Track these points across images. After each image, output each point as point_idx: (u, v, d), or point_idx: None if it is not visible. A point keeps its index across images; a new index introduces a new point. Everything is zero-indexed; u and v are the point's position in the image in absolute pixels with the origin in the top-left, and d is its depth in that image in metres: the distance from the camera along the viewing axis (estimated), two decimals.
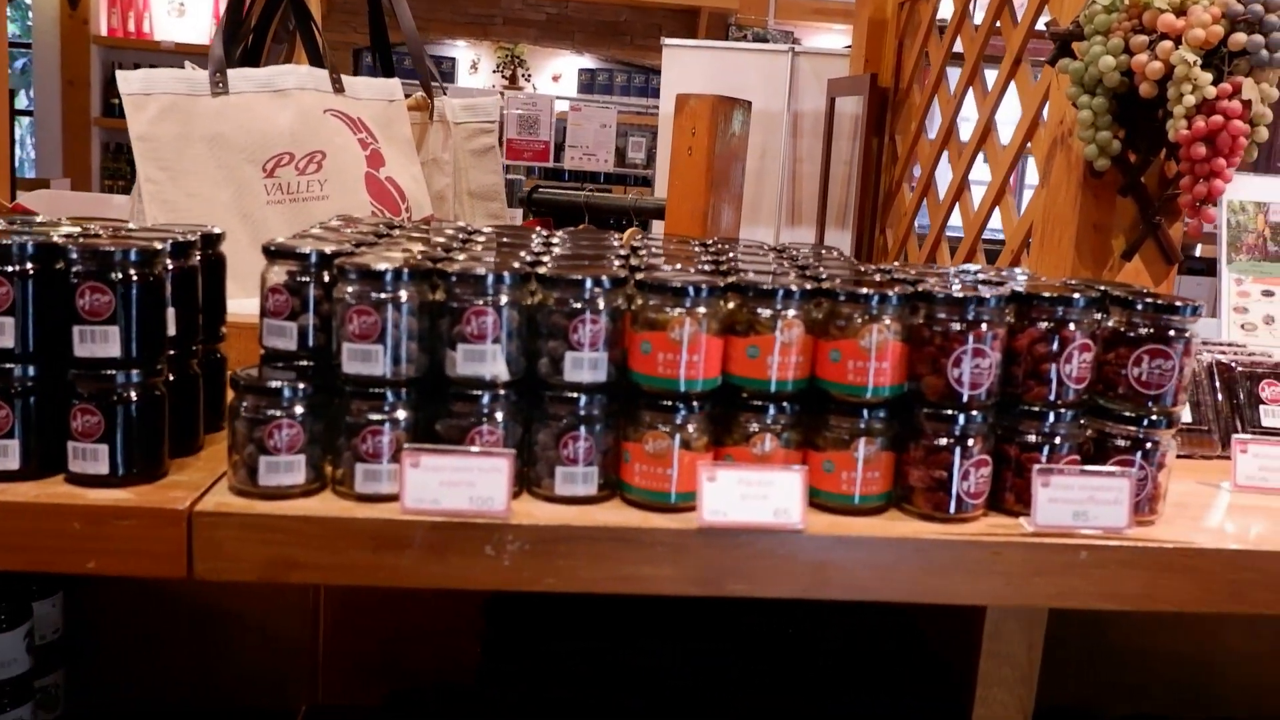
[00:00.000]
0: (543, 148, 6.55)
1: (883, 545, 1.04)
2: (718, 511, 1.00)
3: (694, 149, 2.60)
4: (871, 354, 1.04)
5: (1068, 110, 1.81)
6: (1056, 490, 1.06)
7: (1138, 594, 1.08)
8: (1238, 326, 1.63)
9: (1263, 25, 1.54)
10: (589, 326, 1.00)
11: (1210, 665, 1.60)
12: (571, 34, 9.50)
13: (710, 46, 4.54)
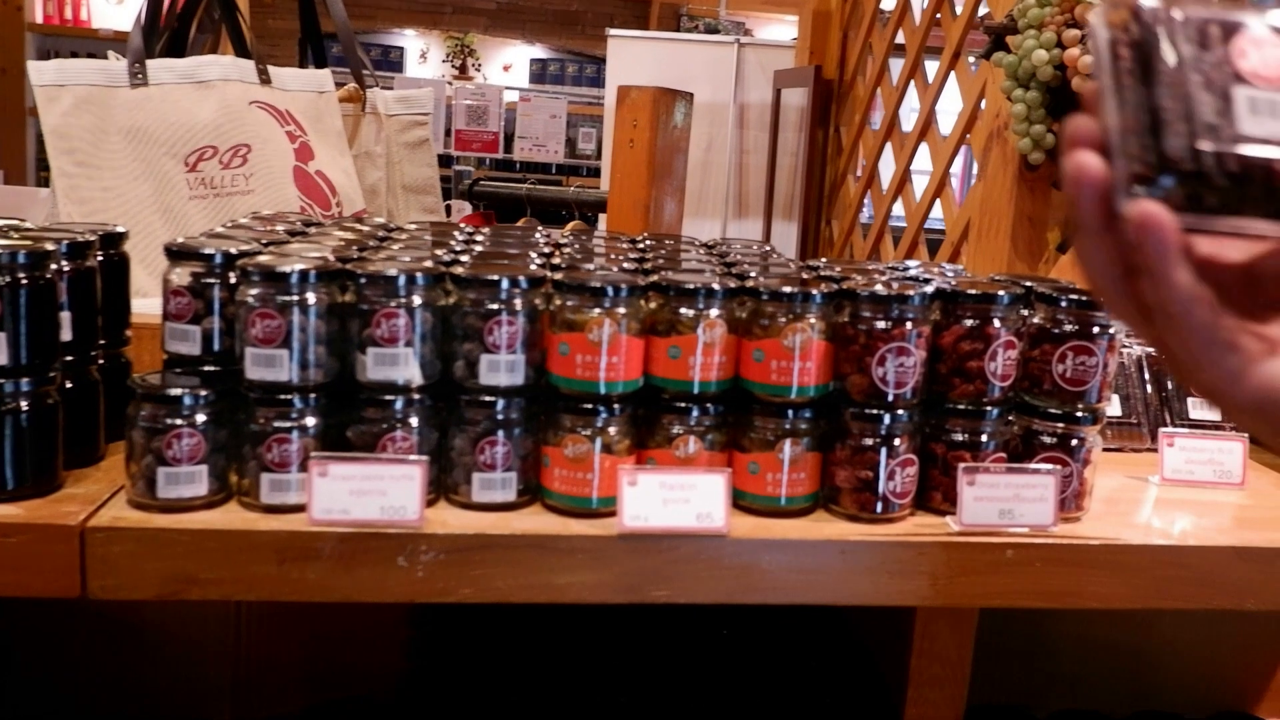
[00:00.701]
0: (492, 139, 6.49)
1: (808, 548, 1.02)
2: (639, 516, 0.98)
3: (635, 141, 2.58)
4: (795, 353, 1.02)
5: (1004, 104, 1.81)
6: (982, 489, 1.05)
7: (1064, 591, 1.07)
8: None
9: None
10: (505, 328, 0.98)
11: (1144, 656, 1.61)
12: (522, 24, 9.44)
13: (656, 38, 4.51)
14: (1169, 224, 0.48)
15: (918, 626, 1.18)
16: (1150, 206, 0.48)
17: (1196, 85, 0.50)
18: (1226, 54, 0.51)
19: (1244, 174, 0.49)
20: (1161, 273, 0.50)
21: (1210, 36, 0.51)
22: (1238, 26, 0.52)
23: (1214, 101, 0.50)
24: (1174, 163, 0.49)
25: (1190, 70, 0.50)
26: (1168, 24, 0.51)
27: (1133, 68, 0.51)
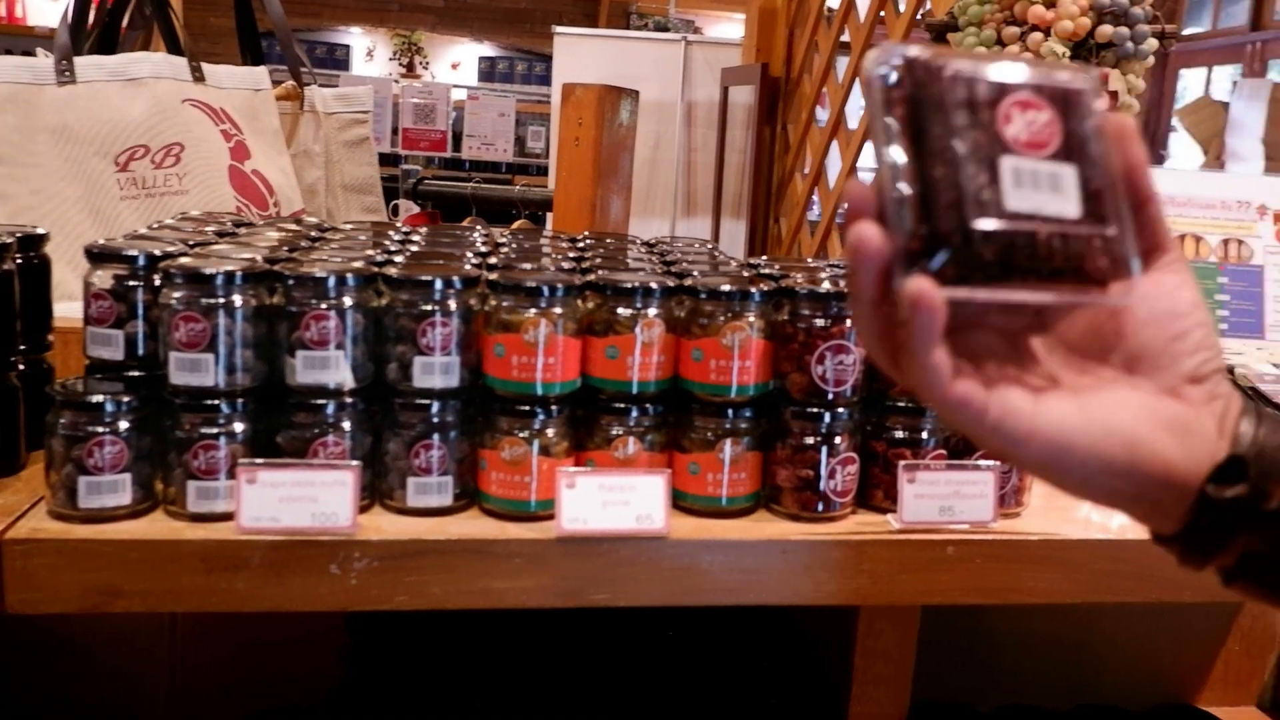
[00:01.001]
0: (440, 137, 6.42)
1: (749, 548, 1.02)
2: (577, 519, 0.97)
3: (581, 139, 2.56)
4: (735, 352, 1.01)
5: None
6: (923, 486, 1.05)
7: (1004, 587, 1.08)
8: None
9: (1128, 17, 1.55)
10: (439, 329, 0.96)
11: (1086, 650, 1.62)
12: (470, 21, 9.38)
13: (603, 35, 4.50)
14: (938, 302, 0.47)
15: (861, 624, 1.18)
16: (924, 285, 0.47)
17: (965, 154, 0.49)
18: (993, 118, 0.50)
19: (1011, 248, 0.48)
20: (922, 352, 0.48)
21: (978, 98, 0.50)
22: (1004, 88, 0.51)
23: (982, 173, 0.49)
24: (945, 239, 0.48)
25: (959, 136, 0.49)
26: (938, 82, 0.50)
27: (906, 129, 0.49)
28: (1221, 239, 1.65)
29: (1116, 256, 0.51)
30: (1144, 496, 0.52)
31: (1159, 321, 0.52)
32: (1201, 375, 0.52)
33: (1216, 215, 1.65)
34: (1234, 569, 0.53)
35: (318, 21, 8.91)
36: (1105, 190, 0.51)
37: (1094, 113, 0.52)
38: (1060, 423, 0.51)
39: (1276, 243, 1.65)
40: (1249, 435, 0.52)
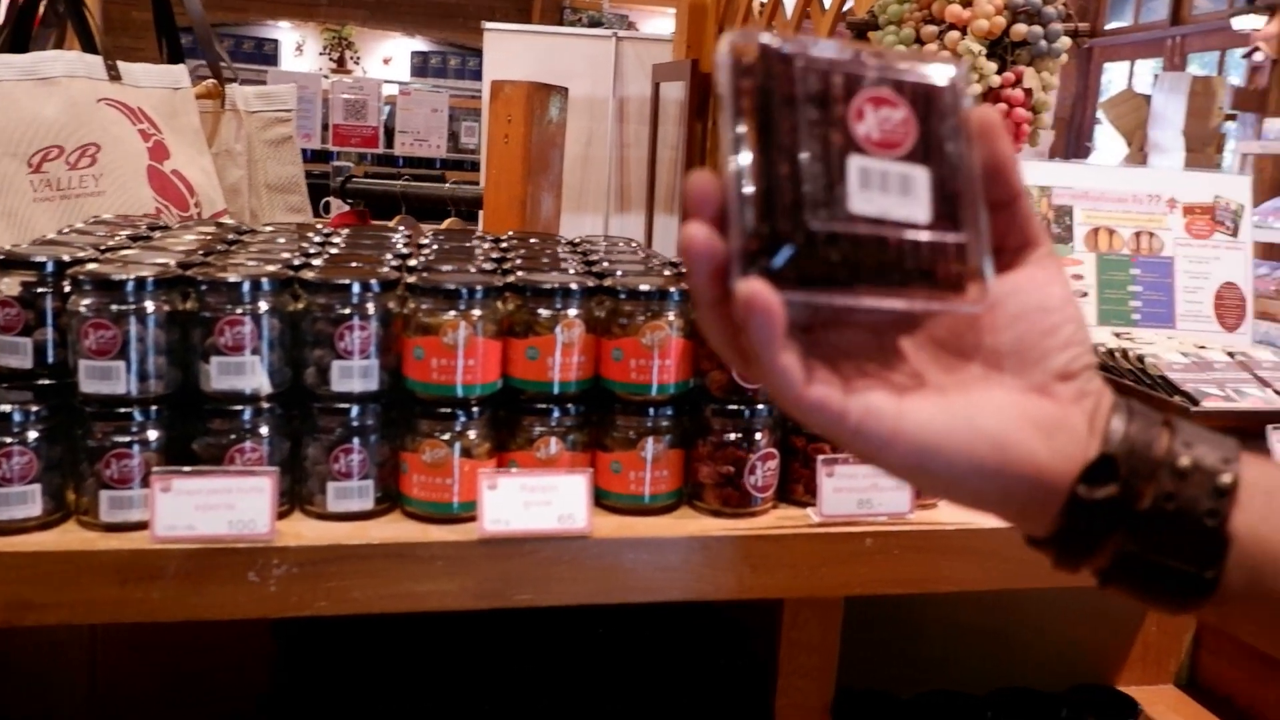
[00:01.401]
0: (371, 133, 6.38)
1: (671, 545, 1.03)
2: (500, 520, 0.97)
3: (510, 137, 2.56)
4: (654, 351, 1.02)
5: None
6: (841, 479, 1.06)
7: (922, 577, 1.10)
8: None
9: (1041, 16, 1.58)
10: (357, 333, 0.96)
11: (1007, 635, 1.66)
12: (402, 16, 9.30)
13: (533, 31, 4.49)
14: (775, 307, 0.44)
15: (785, 617, 1.20)
16: (756, 287, 0.44)
17: (813, 150, 0.46)
18: (845, 114, 0.47)
19: (857, 250, 0.46)
20: (766, 358, 0.46)
21: (831, 92, 0.47)
22: (859, 83, 0.48)
23: (828, 171, 0.46)
24: (785, 239, 0.45)
25: (806, 132, 0.46)
26: (790, 73, 0.47)
27: (753, 119, 0.46)
28: (1134, 232, 1.69)
29: (969, 262, 0.49)
30: (1014, 498, 0.50)
31: (1029, 317, 0.50)
32: (1072, 372, 0.51)
33: (1129, 209, 1.69)
34: (1109, 570, 0.51)
35: (245, 16, 8.78)
36: (961, 193, 0.49)
37: (956, 110, 0.50)
38: (925, 424, 0.48)
39: (1186, 235, 1.70)
40: (1120, 432, 0.50)
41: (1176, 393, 1.38)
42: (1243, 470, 0.49)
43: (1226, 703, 1.66)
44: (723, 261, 0.46)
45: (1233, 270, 1.71)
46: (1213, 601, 0.49)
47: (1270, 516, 0.48)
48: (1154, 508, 0.49)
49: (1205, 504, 0.49)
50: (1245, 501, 0.49)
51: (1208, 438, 0.51)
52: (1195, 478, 0.49)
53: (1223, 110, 6.51)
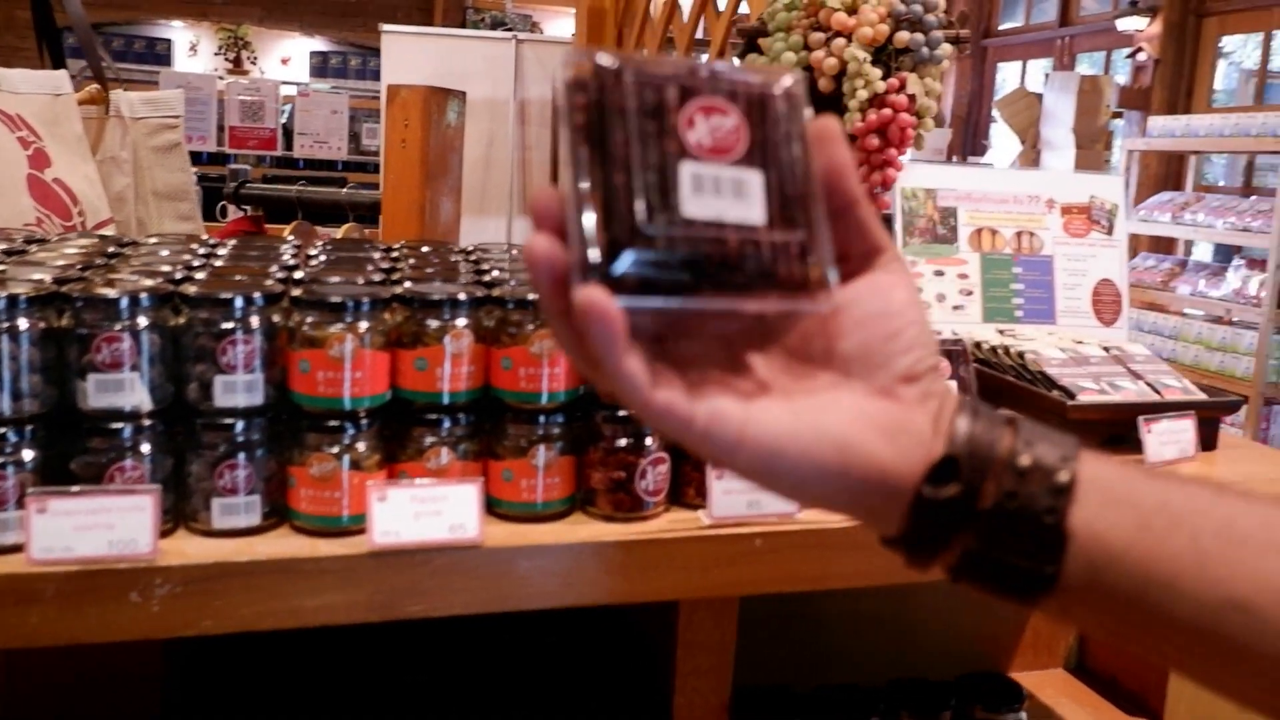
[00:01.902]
0: (269, 135, 6.25)
1: (563, 551, 1.03)
2: (390, 532, 0.97)
3: (408, 141, 2.54)
4: (544, 360, 1.03)
5: None
6: (731, 482, 1.08)
7: (812, 574, 1.12)
8: None
9: (923, 24, 1.63)
10: (240, 347, 0.95)
11: (904, 625, 1.70)
12: (300, 15, 9.14)
13: (432, 34, 4.45)
14: (612, 313, 0.45)
15: (681, 618, 1.21)
16: (593, 294, 0.45)
17: (646, 158, 0.47)
18: (677, 123, 0.48)
19: (695, 255, 0.47)
20: (610, 364, 0.46)
21: (662, 104, 0.48)
22: (689, 93, 0.49)
23: (661, 178, 0.47)
24: (622, 246, 0.46)
25: (640, 140, 0.47)
26: (621, 87, 0.48)
27: (589, 134, 0.47)
28: (1015, 231, 1.75)
29: (810, 263, 0.49)
30: (860, 500, 0.51)
31: (872, 321, 0.51)
32: (915, 374, 0.51)
33: (1009, 209, 1.75)
34: (957, 567, 0.52)
35: (136, 14, 8.54)
36: (798, 195, 0.50)
37: (792, 117, 0.51)
38: (771, 428, 0.49)
39: (1064, 234, 1.76)
40: (964, 433, 0.51)
41: (1055, 387, 1.43)
42: (1080, 468, 0.51)
43: (1112, 684, 1.72)
44: (564, 271, 0.46)
45: (1109, 267, 1.78)
46: (1054, 595, 0.50)
47: (1106, 513, 0.50)
48: (996, 506, 0.50)
49: (1044, 502, 0.50)
50: (1082, 499, 0.50)
51: (1048, 436, 0.52)
52: (1035, 476, 0.50)
53: (1110, 108, 6.73)
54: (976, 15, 8.83)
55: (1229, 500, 0.51)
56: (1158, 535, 0.50)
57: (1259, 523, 0.50)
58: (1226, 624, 0.49)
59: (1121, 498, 0.50)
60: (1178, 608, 0.49)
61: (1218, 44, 6.65)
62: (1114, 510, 0.50)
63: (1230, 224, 5.42)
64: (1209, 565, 0.49)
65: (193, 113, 5.48)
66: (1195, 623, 0.49)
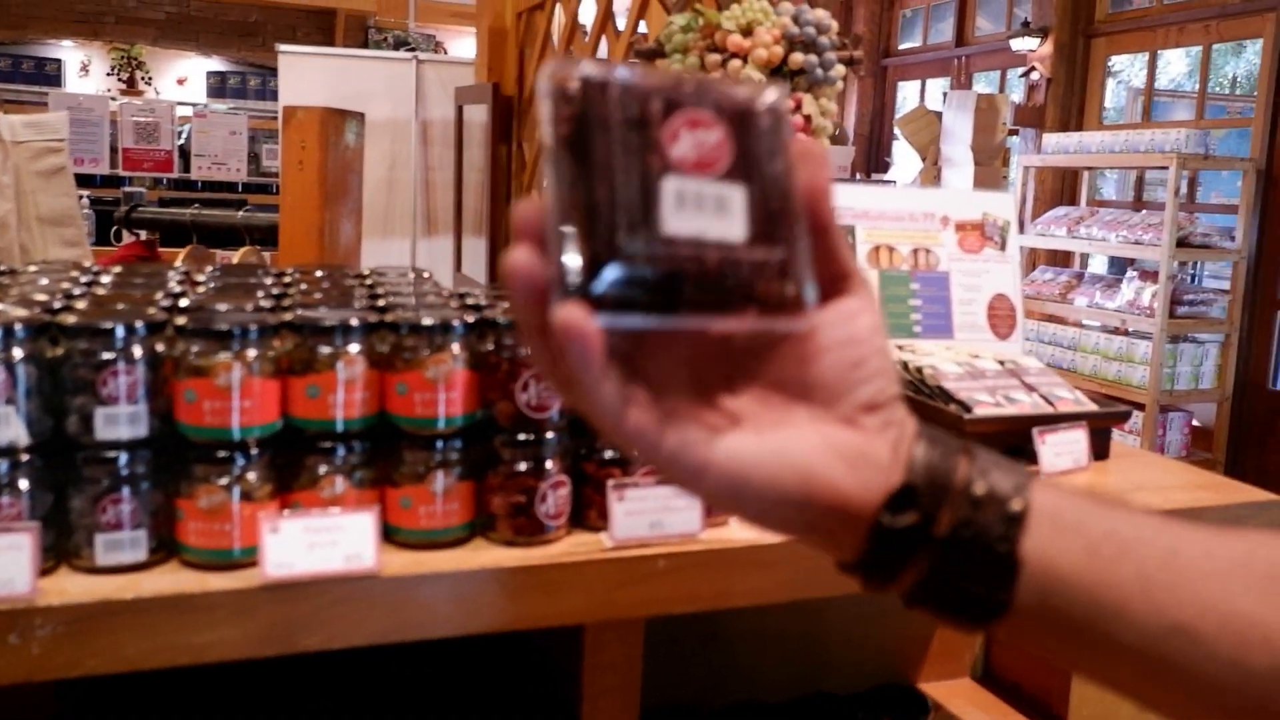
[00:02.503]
0: (165, 157, 6.11)
1: (464, 578, 1.02)
2: (283, 564, 0.94)
3: (305, 163, 2.51)
4: (439, 385, 1.02)
5: None
6: (632, 503, 1.08)
7: (716, 593, 1.13)
8: None
9: (816, 46, 1.65)
10: (122, 378, 0.92)
11: (814, 641, 1.71)
12: (196, 34, 8.96)
13: (330, 54, 4.40)
14: (591, 333, 0.44)
15: (587, 640, 1.21)
16: (573, 312, 0.44)
17: (629, 172, 0.46)
18: (661, 136, 0.47)
19: (675, 272, 0.46)
20: (585, 385, 0.46)
21: (647, 116, 0.47)
22: (674, 105, 0.48)
23: (644, 194, 0.46)
24: (603, 263, 0.45)
25: (624, 154, 0.47)
26: (606, 99, 0.47)
27: (571, 146, 0.46)
28: (912, 248, 1.78)
29: (790, 281, 0.49)
30: (820, 526, 0.51)
31: (837, 349, 0.51)
32: (878, 403, 0.51)
33: (906, 226, 1.78)
34: (912, 592, 0.52)
35: (24, 34, 8.29)
36: (780, 212, 0.49)
37: (774, 131, 0.50)
38: (736, 454, 0.49)
39: (959, 250, 1.80)
40: (922, 462, 0.51)
41: (952, 401, 1.46)
42: (1033, 497, 0.51)
43: (1016, 690, 1.75)
44: (543, 287, 0.45)
45: (1002, 282, 1.82)
46: (1007, 620, 0.51)
47: (1057, 541, 0.51)
48: (951, 534, 0.51)
49: (997, 530, 0.50)
50: (1034, 527, 0.51)
51: (1002, 465, 0.53)
52: (989, 505, 0.51)
53: (1006, 126, 6.91)
54: (876, 35, 9.02)
55: (1173, 528, 0.53)
56: (1106, 562, 0.51)
57: (1201, 551, 0.52)
58: (1171, 648, 0.50)
59: (1071, 526, 0.51)
60: (1124, 633, 0.50)
61: (1107, 64, 6.88)
62: (1064, 538, 0.51)
63: (1123, 237, 5.60)
64: (1154, 592, 0.50)
65: (85, 135, 5.33)
66: (1141, 647, 0.50)
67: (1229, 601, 0.50)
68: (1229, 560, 0.52)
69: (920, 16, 8.82)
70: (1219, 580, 0.51)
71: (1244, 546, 0.52)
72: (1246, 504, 1.36)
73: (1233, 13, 5.79)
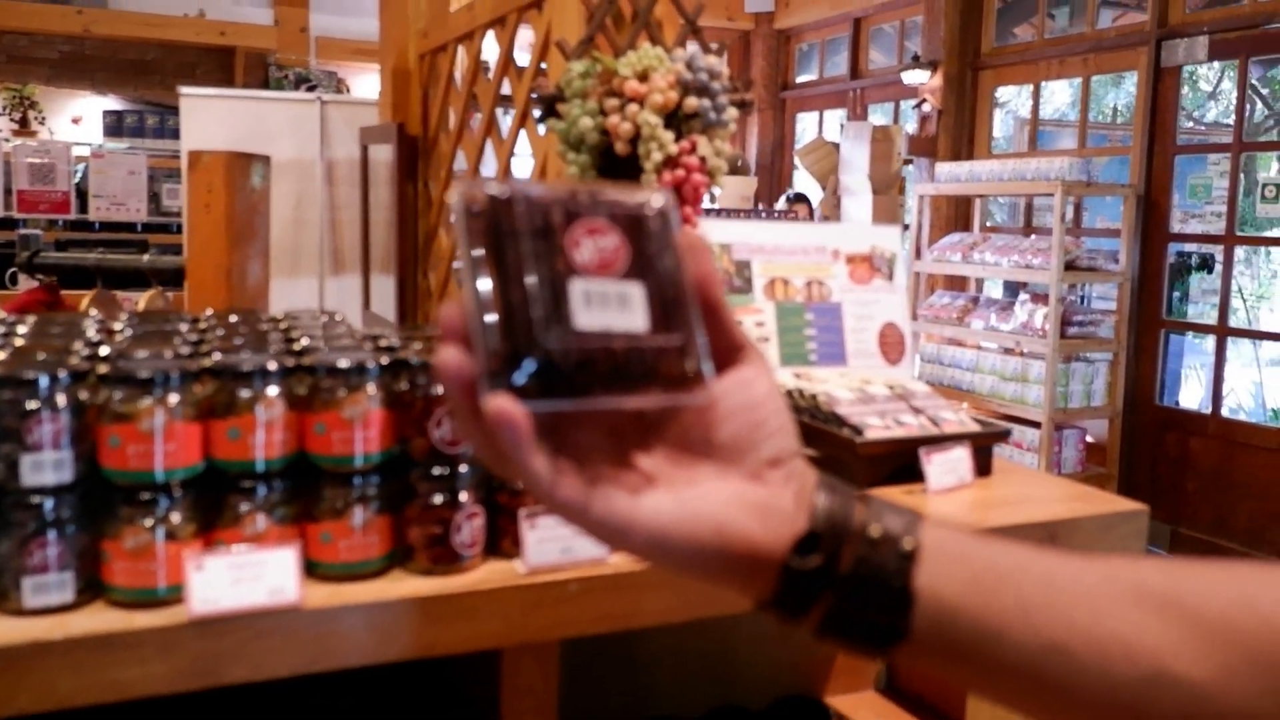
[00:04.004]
0: (62, 198, 6.02)
1: (383, 608, 1.07)
2: (208, 600, 0.98)
3: (211, 206, 2.52)
4: (357, 424, 1.07)
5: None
6: (543, 531, 1.14)
7: (625, 613, 1.19)
8: None
9: (709, 90, 1.74)
10: (48, 426, 0.95)
11: (728, 657, 1.78)
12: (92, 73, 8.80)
13: (232, 95, 4.39)
14: (520, 418, 0.50)
15: (505, 664, 1.26)
16: (502, 402, 0.50)
17: (540, 277, 0.53)
18: (564, 244, 0.54)
19: (588, 361, 0.53)
20: (519, 462, 0.52)
21: (551, 226, 0.54)
22: (574, 216, 0.55)
23: (555, 294, 0.53)
24: (524, 356, 0.51)
25: (534, 261, 0.53)
26: (514, 212, 0.53)
27: (486, 255, 0.52)
28: (805, 281, 1.88)
29: (689, 360, 0.55)
30: (736, 572, 0.57)
31: (740, 413, 0.57)
32: (780, 459, 0.58)
33: (799, 260, 1.88)
34: (821, 625, 0.58)
35: None
36: (674, 302, 0.55)
37: (663, 231, 0.57)
38: (656, 514, 0.55)
39: (850, 282, 1.90)
40: (823, 509, 0.58)
41: (845, 426, 1.55)
42: (922, 535, 0.59)
43: (919, 701, 1.84)
44: (472, 380, 0.51)
45: (892, 311, 1.92)
46: (905, 646, 0.58)
47: (944, 574, 0.58)
48: (852, 572, 0.57)
49: (893, 566, 0.58)
50: (924, 562, 0.58)
51: (893, 508, 0.60)
52: (884, 544, 0.58)
53: (901, 155, 7.12)
54: (774, 69, 9.24)
55: (1046, 558, 0.60)
56: (988, 591, 0.58)
57: (1070, 577, 0.59)
58: (1048, 665, 0.57)
59: (956, 559, 0.59)
60: (1007, 653, 0.58)
61: (994, 95, 7.15)
62: (950, 571, 0.58)
63: (1014, 262, 5.81)
64: (1032, 615, 0.58)
65: None
66: (1022, 665, 0.58)
67: (1096, 621, 0.58)
68: (1094, 585, 0.59)
69: (816, 50, 9.07)
70: (1087, 603, 0.58)
71: (1106, 571, 0.60)
72: (1113, 514, 1.47)
73: (1108, 47, 6.08)
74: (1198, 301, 6.71)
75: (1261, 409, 7.77)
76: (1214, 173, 5.68)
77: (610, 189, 0.58)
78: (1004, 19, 7.11)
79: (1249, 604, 0.58)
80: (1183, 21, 5.65)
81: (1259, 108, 9.38)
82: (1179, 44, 5.62)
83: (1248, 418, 7.23)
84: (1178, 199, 5.83)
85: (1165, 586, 0.59)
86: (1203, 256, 6.52)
